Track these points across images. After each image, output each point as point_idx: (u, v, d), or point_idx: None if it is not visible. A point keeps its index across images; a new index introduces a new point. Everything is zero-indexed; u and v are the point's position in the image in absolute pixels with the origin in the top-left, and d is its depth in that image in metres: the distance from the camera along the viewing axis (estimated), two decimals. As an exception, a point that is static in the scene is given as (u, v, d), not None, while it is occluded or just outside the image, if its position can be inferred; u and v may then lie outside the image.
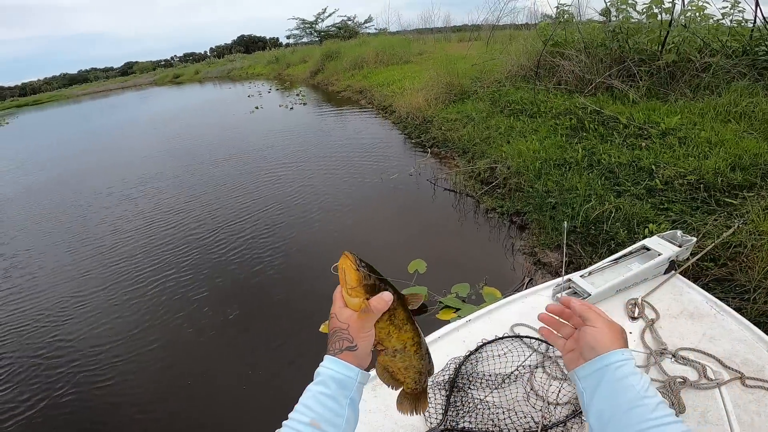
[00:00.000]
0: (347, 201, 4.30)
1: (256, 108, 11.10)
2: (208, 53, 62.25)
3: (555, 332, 0.73)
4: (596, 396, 0.59)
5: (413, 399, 0.68)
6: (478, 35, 11.71)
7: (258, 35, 55.67)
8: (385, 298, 0.60)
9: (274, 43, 42.56)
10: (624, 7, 5.09)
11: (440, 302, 2.51)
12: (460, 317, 1.84)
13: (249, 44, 52.48)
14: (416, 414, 0.67)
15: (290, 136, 7.50)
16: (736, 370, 1.12)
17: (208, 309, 2.85)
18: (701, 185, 2.80)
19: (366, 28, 23.69)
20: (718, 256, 2.21)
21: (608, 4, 5.38)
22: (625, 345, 0.62)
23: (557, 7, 5.76)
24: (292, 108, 10.38)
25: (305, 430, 0.56)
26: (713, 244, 1.98)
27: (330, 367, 0.61)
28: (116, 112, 17.93)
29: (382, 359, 0.65)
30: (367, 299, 0.60)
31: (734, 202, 2.61)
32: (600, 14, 5.68)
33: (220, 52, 53.15)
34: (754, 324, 1.28)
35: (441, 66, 7.01)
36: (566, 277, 1.50)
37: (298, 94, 12.45)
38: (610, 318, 0.67)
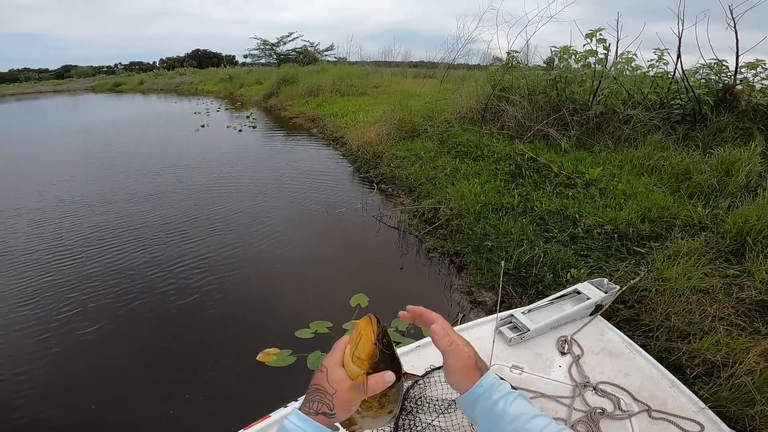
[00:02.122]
0: (292, 232, 4.21)
1: (202, 126, 10.70)
2: (158, 64, 59.75)
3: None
4: (478, 425, 0.64)
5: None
6: (433, 73, 12.28)
7: (214, 51, 54.51)
8: (386, 379, 0.56)
9: (230, 60, 41.89)
10: (565, 56, 5.57)
11: (380, 335, 2.50)
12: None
13: (203, 59, 51.06)
14: None
15: (236, 160, 7.27)
16: (644, 403, 1.30)
17: (132, 344, 2.59)
18: (615, 234, 3.07)
19: (326, 55, 24.00)
20: (627, 299, 2.43)
21: (552, 53, 5.86)
22: (477, 369, 0.64)
23: (508, 53, 6.17)
24: (240, 130, 10.11)
25: None
26: (621, 290, 2.18)
27: (300, 425, 0.55)
28: (39, 117, 16.41)
29: (352, 418, 0.62)
30: (368, 373, 0.56)
31: (642, 251, 2.88)
32: (545, 63, 6.18)
33: (171, 64, 51.15)
34: (657, 359, 1.49)
35: (395, 102, 7.21)
36: (508, 312, 1.65)
37: (248, 116, 12.20)
38: (456, 340, 0.67)
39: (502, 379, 0.66)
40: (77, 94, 30.20)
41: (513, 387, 0.65)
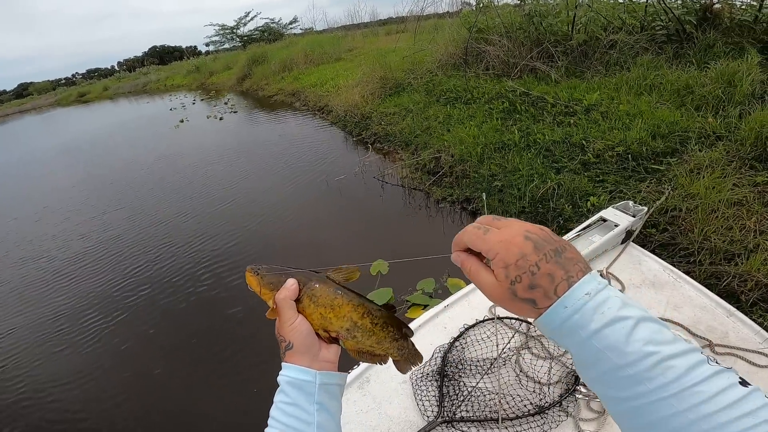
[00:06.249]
0: (296, 211, 4.12)
1: (181, 121, 10.36)
2: (116, 67, 57.34)
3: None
4: (580, 365, 0.40)
5: (407, 358, 0.63)
6: (405, 27, 11.85)
7: (173, 45, 52.23)
8: (286, 285, 0.58)
9: (192, 51, 40.19)
10: None
11: (407, 301, 2.49)
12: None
13: (163, 55, 49.05)
14: (416, 366, 0.64)
15: (224, 147, 7.09)
16: (703, 338, 1.16)
17: (151, 349, 2.61)
18: (629, 155, 3.00)
19: (292, 29, 23.07)
20: (658, 222, 2.34)
21: (522, -13, 5.65)
22: (547, 276, 0.39)
23: None
24: (221, 118, 9.80)
25: None
26: (650, 212, 2.08)
27: (283, 372, 0.57)
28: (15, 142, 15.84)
29: (347, 345, 0.61)
30: None
31: (661, 168, 2.82)
32: (516, -1, 5.98)
33: (131, 65, 49.05)
34: (706, 286, 1.35)
35: (373, 61, 6.98)
36: None
37: (226, 103, 11.81)
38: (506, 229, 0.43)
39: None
40: (45, 111, 29.03)
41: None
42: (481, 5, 5.97)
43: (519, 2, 5.89)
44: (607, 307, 0.37)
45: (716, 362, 0.35)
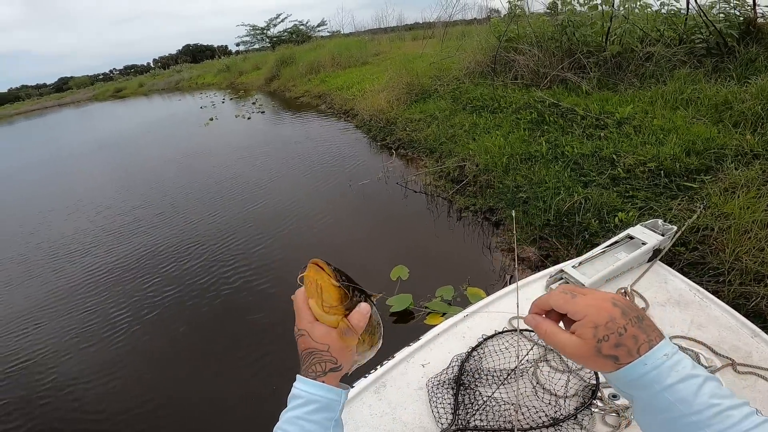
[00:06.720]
0: (319, 212, 4.19)
1: (211, 120, 10.70)
2: (152, 64, 59.49)
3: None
4: (643, 415, 0.49)
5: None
6: (432, 33, 11.91)
7: (205, 44, 53.91)
8: (363, 312, 0.55)
9: (224, 51, 41.32)
10: (569, 0, 5.35)
11: (426, 307, 2.50)
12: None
13: (196, 53, 50.63)
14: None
15: (251, 147, 7.29)
16: (726, 357, 1.15)
17: (180, 341, 2.73)
18: (661, 171, 2.92)
19: (319, 31, 23.54)
20: (687, 241, 2.29)
21: (555, -3, 5.63)
22: (631, 338, 0.47)
23: (509, 2, 5.95)
24: (249, 118, 10.07)
25: None
26: (680, 231, 2.00)
27: (311, 391, 0.56)
28: (54, 136, 16.64)
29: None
30: (345, 315, 0.54)
31: (694, 185, 2.74)
32: (547, 8, 5.96)
33: (165, 62, 50.84)
34: (732, 306, 1.34)
35: (399, 66, 7.06)
36: (559, 267, 1.52)
37: (254, 103, 12.13)
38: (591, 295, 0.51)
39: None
40: (82, 105, 30.36)
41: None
42: (513, 14, 5.96)
43: (550, 12, 5.87)
44: (681, 366, 0.45)
45: (760, 413, 0.43)
